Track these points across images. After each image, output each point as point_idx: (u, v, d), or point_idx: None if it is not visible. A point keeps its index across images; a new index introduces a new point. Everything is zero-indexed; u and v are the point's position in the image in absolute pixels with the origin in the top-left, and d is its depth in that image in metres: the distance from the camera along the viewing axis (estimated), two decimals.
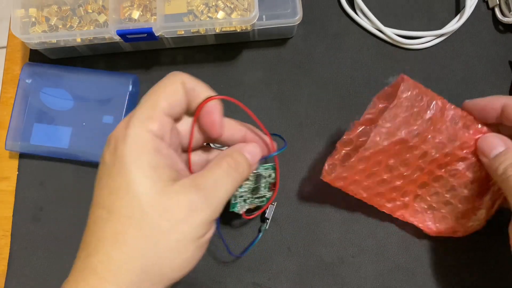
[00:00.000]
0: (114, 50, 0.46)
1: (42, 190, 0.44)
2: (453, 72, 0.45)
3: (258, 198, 0.37)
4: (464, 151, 0.36)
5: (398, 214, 0.40)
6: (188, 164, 0.32)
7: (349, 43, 0.46)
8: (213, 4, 0.42)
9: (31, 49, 0.47)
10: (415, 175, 0.37)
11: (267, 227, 0.41)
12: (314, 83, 0.45)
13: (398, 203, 0.39)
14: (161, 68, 0.46)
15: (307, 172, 0.43)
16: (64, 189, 0.44)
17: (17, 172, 0.44)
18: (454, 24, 0.45)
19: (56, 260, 0.42)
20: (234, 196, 0.35)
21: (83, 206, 0.43)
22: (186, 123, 0.32)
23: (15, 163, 0.45)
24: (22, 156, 0.45)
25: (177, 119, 0.31)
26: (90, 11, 0.43)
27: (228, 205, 0.34)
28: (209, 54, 0.46)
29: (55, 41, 0.42)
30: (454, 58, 0.45)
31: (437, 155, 0.36)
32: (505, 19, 0.45)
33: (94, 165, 0.44)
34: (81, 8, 0.43)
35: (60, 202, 0.44)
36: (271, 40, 0.46)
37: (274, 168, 0.37)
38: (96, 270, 0.26)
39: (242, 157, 0.32)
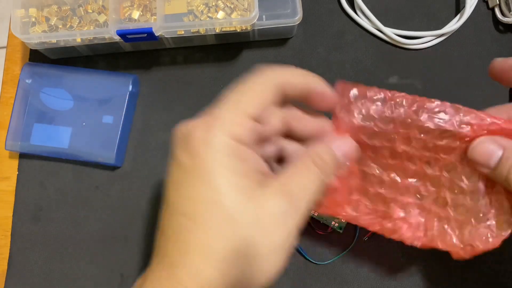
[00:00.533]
0: (114, 50, 0.46)
1: (42, 190, 0.44)
2: (453, 72, 0.45)
3: None
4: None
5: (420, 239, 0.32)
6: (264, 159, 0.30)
7: (349, 43, 0.46)
8: (213, 4, 0.42)
9: (31, 49, 0.47)
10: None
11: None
12: None
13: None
14: (161, 68, 0.46)
15: None
16: (64, 189, 0.44)
17: (17, 172, 0.44)
18: (454, 24, 0.45)
19: (56, 260, 0.42)
20: None
21: (83, 206, 0.44)
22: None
23: (15, 163, 0.45)
24: (22, 156, 0.45)
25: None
26: (90, 11, 0.43)
27: None
28: (209, 54, 0.46)
29: (55, 41, 0.42)
30: (454, 58, 0.45)
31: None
32: (505, 19, 0.45)
33: (94, 165, 0.44)
34: (81, 8, 0.43)
35: (60, 202, 0.44)
36: (271, 40, 0.46)
37: None
38: (183, 284, 0.24)
39: (331, 156, 0.29)
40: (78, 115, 0.44)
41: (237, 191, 0.25)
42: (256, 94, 0.27)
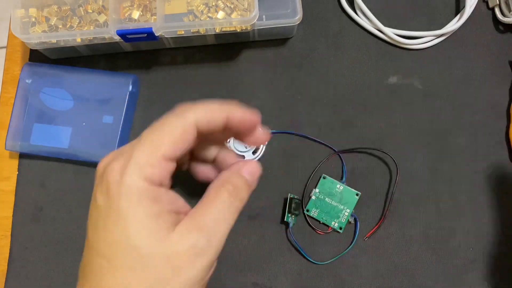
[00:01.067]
0: (114, 50, 0.46)
1: (42, 190, 0.44)
2: (453, 72, 0.45)
3: None
4: None
5: None
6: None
7: (349, 43, 0.46)
8: (213, 4, 0.42)
9: (31, 49, 0.47)
10: None
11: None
12: (314, 83, 0.45)
13: None
14: (161, 68, 0.46)
15: (307, 172, 0.43)
16: (64, 189, 0.44)
17: (17, 172, 0.44)
18: (454, 24, 0.45)
19: (56, 260, 0.42)
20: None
21: (83, 206, 0.44)
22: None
23: (15, 163, 0.45)
24: (22, 156, 0.45)
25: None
26: (90, 11, 0.43)
27: None
28: (209, 54, 0.46)
29: (55, 41, 0.42)
30: (454, 58, 0.45)
31: None
32: (505, 19, 0.45)
33: (94, 165, 0.44)
34: (81, 8, 0.43)
35: (60, 202, 0.44)
36: (271, 40, 0.46)
37: None
38: None
39: (242, 180, 0.29)
40: (78, 115, 0.44)
41: (149, 234, 0.26)
42: (171, 134, 0.27)
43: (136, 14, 0.42)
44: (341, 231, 0.41)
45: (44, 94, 0.44)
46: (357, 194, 0.42)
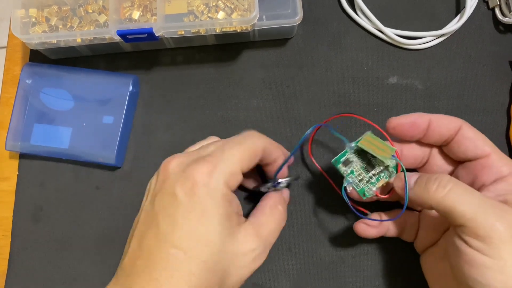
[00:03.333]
0: (114, 50, 0.46)
1: (42, 190, 0.44)
2: (453, 72, 0.45)
3: (379, 173, 0.35)
4: None
5: None
6: None
7: (349, 43, 0.46)
8: (214, 4, 0.42)
9: (31, 49, 0.47)
10: None
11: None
12: (314, 83, 0.45)
13: None
14: (161, 68, 0.46)
15: (307, 172, 0.43)
16: (64, 189, 0.44)
17: (17, 172, 0.44)
18: (454, 24, 0.45)
19: (56, 260, 0.42)
20: (353, 183, 0.35)
21: (83, 206, 0.44)
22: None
23: (15, 163, 0.45)
24: (22, 156, 0.45)
25: None
26: (91, 11, 0.43)
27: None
28: (210, 54, 0.46)
29: (55, 41, 0.42)
30: (454, 58, 0.45)
31: None
32: (505, 19, 0.45)
33: (94, 165, 0.44)
34: (81, 8, 0.43)
35: (60, 202, 0.44)
36: (271, 40, 0.46)
37: (370, 133, 0.35)
38: None
39: (285, 204, 0.36)
40: (78, 115, 0.44)
41: (224, 231, 0.30)
42: (250, 153, 0.33)
43: (136, 15, 0.42)
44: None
45: (44, 94, 0.44)
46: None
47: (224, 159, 0.31)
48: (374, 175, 0.35)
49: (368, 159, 0.35)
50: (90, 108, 0.44)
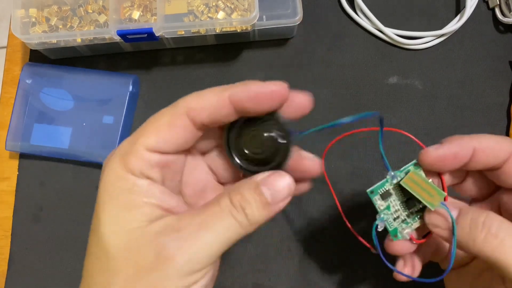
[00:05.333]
0: (114, 50, 0.46)
1: (42, 190, 0.44)
2: (453, 72, 0.45)
3: (417, 212, 0.29)
4: None
5: None
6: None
7: (349, 43, 0.46)
8: (214, 4, 0.42)
9: (31, 49, 0.47)
10: None
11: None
12: (314, 83, 0.45)
13: None
14: (161, 68, 0.46)
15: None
16: (64, 189, 0.44)
17: (17, 172, 0.44)
18: (454, 24, 0.45)
19: (56, 260, 0.42)
20: (387, 221, 0.29)
21: (83, 206, 0.44)
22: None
23: (15, 163, 0.45)
24: (22, 156, 0.45)
25: (203, 152, 0.28)
26: (90, 11, 0.43)
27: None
28: (210, 54, 0.46)
29: (55, 41, 0.42)
30: (454, 58, 0.45)
31: None
32: (505, 19, 0.45)
33: (94, 165, 0.44)
34: (81, 8, 0.43)
35: (60, 202, 0.44)
36: (271, 40, 0.46)
37: (416, 166, 0.28)
38: None
39: (255, 194, 0.24)
40: (78, 115, 0.44)
41: (118, 227, 0.23)
42: (156, 125, 0.25)
43: (136, 14, 0.42)
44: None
45: (44, 94, 0.44)
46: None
47: (125, 140, 0.25)
48: (412, 213, 0.29)
49: (410, 193, 0.28)
50: (90, 108, 0.44)
